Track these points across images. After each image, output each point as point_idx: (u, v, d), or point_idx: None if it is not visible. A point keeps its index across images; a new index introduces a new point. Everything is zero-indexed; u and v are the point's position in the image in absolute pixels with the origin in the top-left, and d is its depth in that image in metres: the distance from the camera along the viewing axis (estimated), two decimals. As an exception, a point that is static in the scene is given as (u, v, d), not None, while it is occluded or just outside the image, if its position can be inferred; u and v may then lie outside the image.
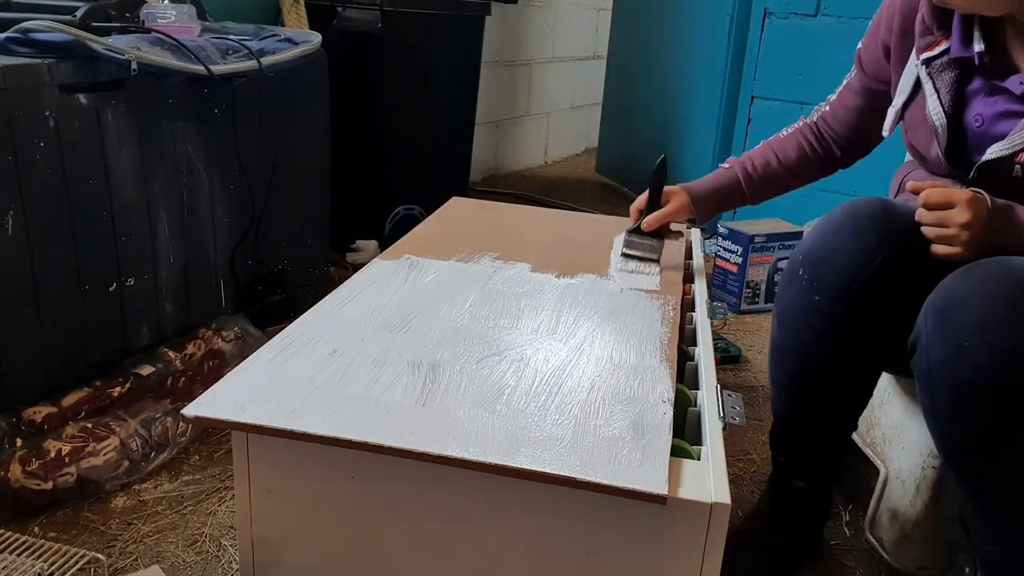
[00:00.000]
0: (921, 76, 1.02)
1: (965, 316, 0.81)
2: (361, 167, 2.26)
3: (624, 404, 0.87)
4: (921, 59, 1.02)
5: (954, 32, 0.99)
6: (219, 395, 0.85)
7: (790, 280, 1.03)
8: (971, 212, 0.88)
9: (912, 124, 1.07)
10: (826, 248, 0.98)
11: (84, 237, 1.35)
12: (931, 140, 1.02)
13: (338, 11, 2.11)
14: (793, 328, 1.04)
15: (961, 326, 0.81)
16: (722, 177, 1.30)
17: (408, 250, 1.32)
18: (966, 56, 0.97)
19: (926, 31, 1.01)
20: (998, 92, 0.97)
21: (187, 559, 1.11)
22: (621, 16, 3.38)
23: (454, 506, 0.83)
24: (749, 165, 1.28)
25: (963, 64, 0.99)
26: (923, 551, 1.13)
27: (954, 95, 1.00)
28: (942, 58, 1.00)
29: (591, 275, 1.27)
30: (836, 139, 1.25)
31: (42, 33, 1.26)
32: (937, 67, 1.00)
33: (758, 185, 1.28)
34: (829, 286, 0.98)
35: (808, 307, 1.01)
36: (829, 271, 0.98)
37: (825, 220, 1.01)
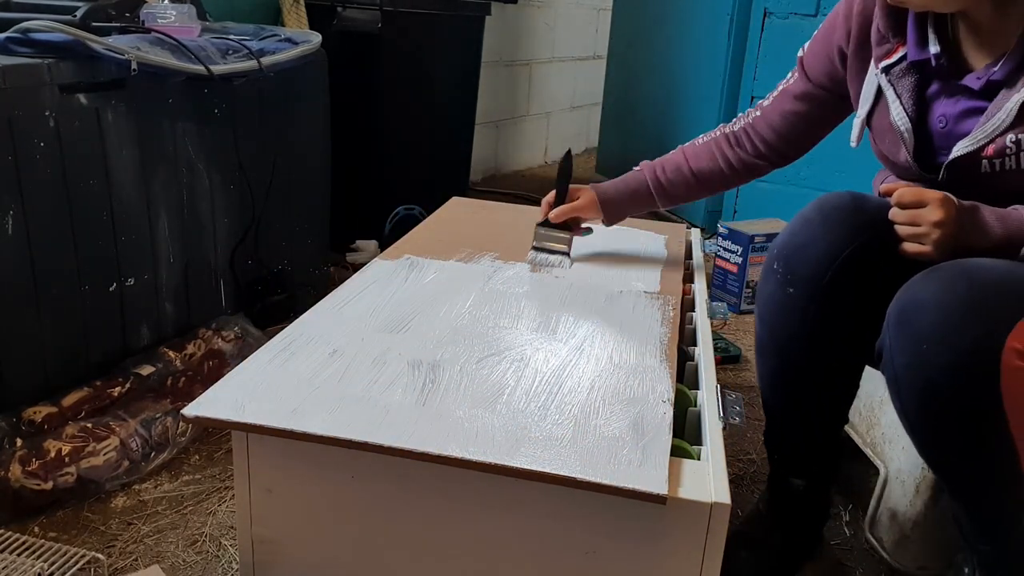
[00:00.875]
0: (882, 84, 1.03)
1: (924, 319, 0.82)
2: (361, 167, 2.27)
3: (624, 404, 0.87)
4: (880, 67, 1.02)
5: (909, 36, 1.00)
6: (219, 395, 0.85)
7: (766, 275, 1.05)
8: (943, 211, 0.89)
9: (879, 132, 1.08)
10: (797, 242, 1.00)
11: (84, 237, 1.35)
12: (899, 146, 1.04)
13: (338, 11, 2.11)
14: (772, 323, 1.06)
15: (920, 329, 0.83)
16: (631, 181, 1.30)
17: (408, 250, 1.32)
18: (923, 59, 0.98)
19: (882, 39, 1.02)
20: (958, 91, 0.98)
21: (187, 559, 1.11)
22: (621, 16, 3.38)
23: (454, 506, 0.83)
24: (660, 171, 1.28)
25: (921, 68, 1.00)
26: (923, 551, 1.14)
27: (916, 99, 1.01)
28: (900, 64, 1.01)
29: (591, 275, 1.27)
30: (762, 147, 1.23)
31: (42, 33, 1.26)
32: (896, 73, 1.01)
33: (667, 192, 1.28)
34: (802, 278, 1.00)
35: (784, 301, 1.03)
36: (801, 263, 0.99)
37: (798, 215, 1.03)
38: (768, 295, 1.05)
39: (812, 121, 1.19)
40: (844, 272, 0.97)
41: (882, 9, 1.01)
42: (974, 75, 0.96)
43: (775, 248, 1.04)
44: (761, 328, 1.09)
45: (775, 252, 1.03)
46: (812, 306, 1.00)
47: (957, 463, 0.89)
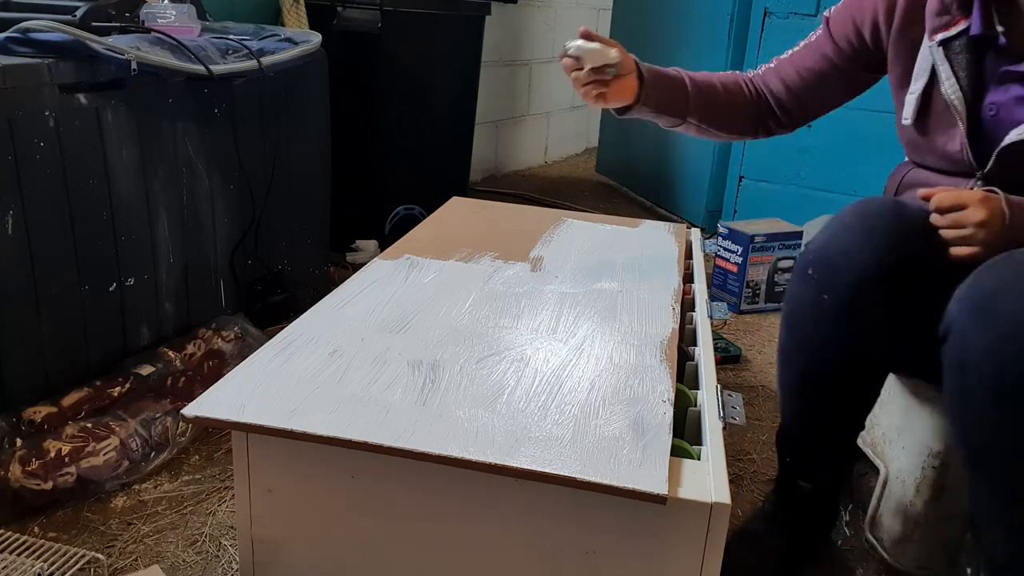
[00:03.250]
0: (936, 59, 1.00)
1: (1006, 305, 0.80)
2: (361, 167, 2.27)
3: (624, 404, 0.87)
4: (937, 40, 0.99)
5: (975, 11, 0.96)
6: (219, 395, 0.85)
7: (799, 280, 1.02)
8: (986, 210, 0.87)
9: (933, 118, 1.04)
10: (836, 248, 0.97)
11: (84, 237, 1.35)
12: (952, 130, 1.00)
13: (338, 11, 2.11)
14: (800, 328, 1.04)
15: (1002, 315, 0.80)
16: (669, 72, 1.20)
17: (408, 250, 1.32)
18: (990, 35, 0.95)
19: (942, 11, 0.99)
20: (1010, 79, 0.96)
21: (187, 559, 1.11)
22: (621, 16, 3.38)
23: (454, 506, 0.83)
24: (695, 76, 1.21)
25: (980, 47, 0.97)
26: (923, 551, 1.14)
27: (973, 79, 0.97)
28: (960, 39, 0.98)
29: (591, 275, 1.27)
30: (770, 98, 1.21)
31: (42, 33, 1.26)
32: (955, 49, 0.98)
33: (697, 98, 1.19)
34: (839, 285, 0.97)
35: (816, 306, 1.00)
36: (839, 270, 0.96)
37: (836, 219, 1.00)
38: (799, 299, 1.02)
39: (827, 84, 1.15)
40: (884, 281, 0.94)
41: None
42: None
43: (810, 253, 1.00)
44: (787, 333, 1.06)
45: (810, 257, 1.00)
46: (847, 313, 0.97)
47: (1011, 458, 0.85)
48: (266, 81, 1.61)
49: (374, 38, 2.12)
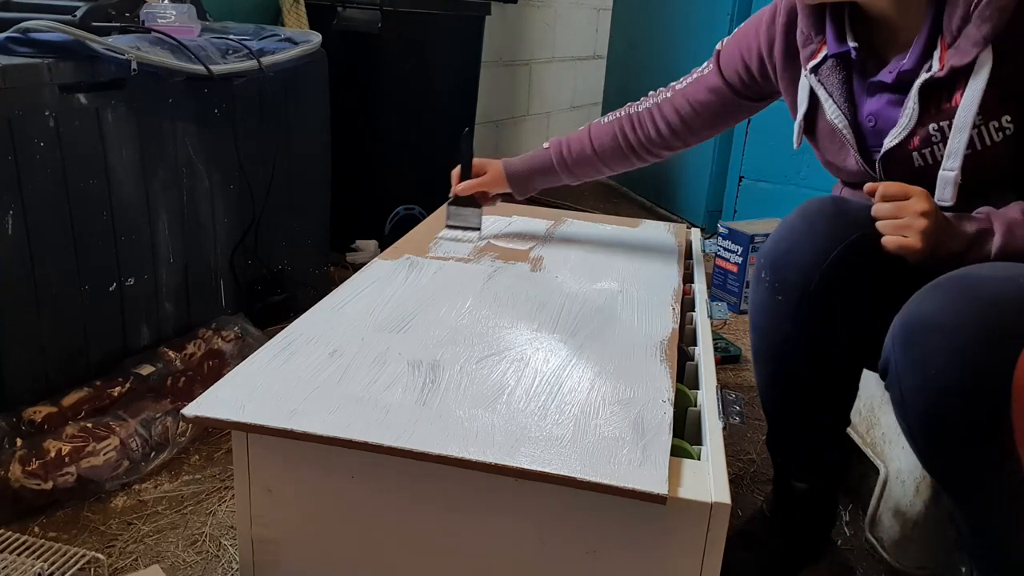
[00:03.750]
0: (812, 85, 1.04)
1: (932, 342, 0.81)
2: (361, 167, 2.27)
3: (624, 404, 0.87)
4: (808, 68, 1.04)
5: (828, 32, 1.01)
6: (219, 395, 0.85)
7: (756, 283, 1.05)
8: (928, 202, 0.89)
9: (823, 139, 1.09)
10: (782, 248, 1.00)
11: (84, 237, 1.35)
12: (844, 148, 1.04)
13: (338, 11, 2.11)
14: (764, 330, 1.06)
15: (929, 353, 0.81)
16: (538, 157, 1.36)
17: (408, 250, 1.32)
18: (842, 51, 1.00)
19: (807, 40, 1.04)
20: (877, 88, 0.99)
21: (187, 559, 1.11)
22: (621, 16, 3.38)
23: (454, 506, 0.83)
24: (565, 149, 1.33)
25: (847, 64, 1.02)
26: (923, 551, 1.14)
27: (847, 96, 1.02)
28: (826, 63, 1.03)
29: (591, 275, 1.27)
30: (662, 128, 1.27)
31: (42, 33, 1.26)
32: (824, 72, 1.03)
33: (572, 168, 1.34)
34: (790, 284, 1.00)
35: (774, 308, 1.02)
36: (787, 270, 0.99)
37: (783, 222, 1.03)
38: (759, 302, 1.05)
39: (717, 114, 1.23)
40: (831, 275, 0.96)
41: (803, 11, 1.04)
42: (886, 69, 0.97)
43: (762, 256, 1.04)
44: (755, 335, 1.09)
45: (762, 260, 1.03)
46: (802, 311, 1.00)
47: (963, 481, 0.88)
48: (266, 81, 1.61)
49: (374, 38, 2.12)
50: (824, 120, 1.05)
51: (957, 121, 0.91)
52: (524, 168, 1.37)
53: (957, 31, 0.90)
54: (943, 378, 0.80)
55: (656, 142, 1.29)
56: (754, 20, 1.17)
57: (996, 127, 0.91)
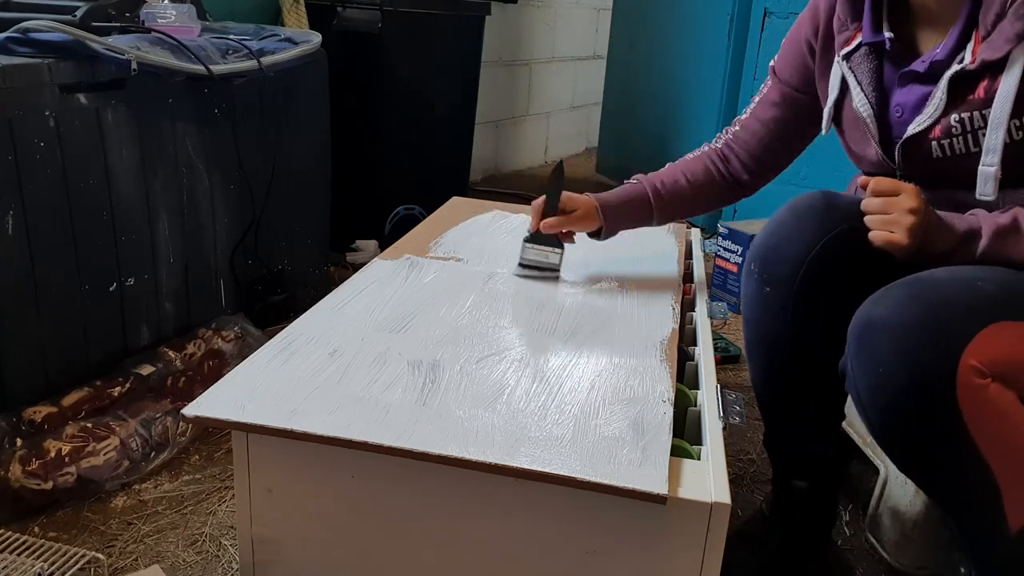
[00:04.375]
0: (844, 72, 1.04)
1: (881, 343, 0.82)
2: (361, 167, 2.27)
3: (624, 404, 0.87)
4: (841, 55, 1.04)
5: (864, 19, 1.01)
6: (219, 395, 0.85)
7: (746, 277, 1.07)
8: (917, 199, 0.89)
9: (848, 126, 1.09)
10: (771, 242, 1.02)
11: (84, 237, 1.35)
12: (866, 138, 1.05)
13: (338, 11, 2.11)
14: (755, 324, 1.08)
15: (877, 352, 0.83)
16: (632, 191, 1.24)
17: (408, 250, 1.32)
18: (876, 40, 1.00)
19: (843, 27, 1.04)
20: (910, 79, 0.99)
21: (187, 559, 1.11)
22: (621, 16, 3.38)
23: (454, 506, 0.83)
24: (659, 183, 1.24)
25: (880, 54, 1.02)
26: (923, 551, 1.14)
27: (876, 86, 1.02)
28: (860, 50, 1.02)
29: (591, 275, 1.27)
30: (746, 160, 1.23)
31: (42, 33, 1.26)
32: (856, 60, 1.03)
33: (667, 203, 1.24)
34: (777, 278, 1.01)
35: (763, 300, 1.04)
36: (775, 263, 1.01)
37: (771, 218, 1.04)
38: (749, 296, 1.06)
39: (791, 126, 1.19)
40: (817, 269, 0.98)
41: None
42: (920, 59, 0.98)
43: (752, 249, 1.05)
44: (747, 329, 1.10)
45: (752, 253, 1.05)
46: (790, 304, 1.01)
47: (930, 479, 0.89)
48: (266, 81, 1.61)
49: (374, 38, 2.12)
50: (851, 108, 1.05)
51: (993, 117, 0.91)
52: (618, 202, 1.23)
53: (992, 25, 0.90)
54: (892, 379, 0.81)
55: (743, 172, 1.24)
56: (799, 18, 1.16)
57: (1017, 125, 0.91)
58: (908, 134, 0.98)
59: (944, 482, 0.87)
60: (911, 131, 0.97)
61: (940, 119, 0.95)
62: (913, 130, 0.97)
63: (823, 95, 1.11)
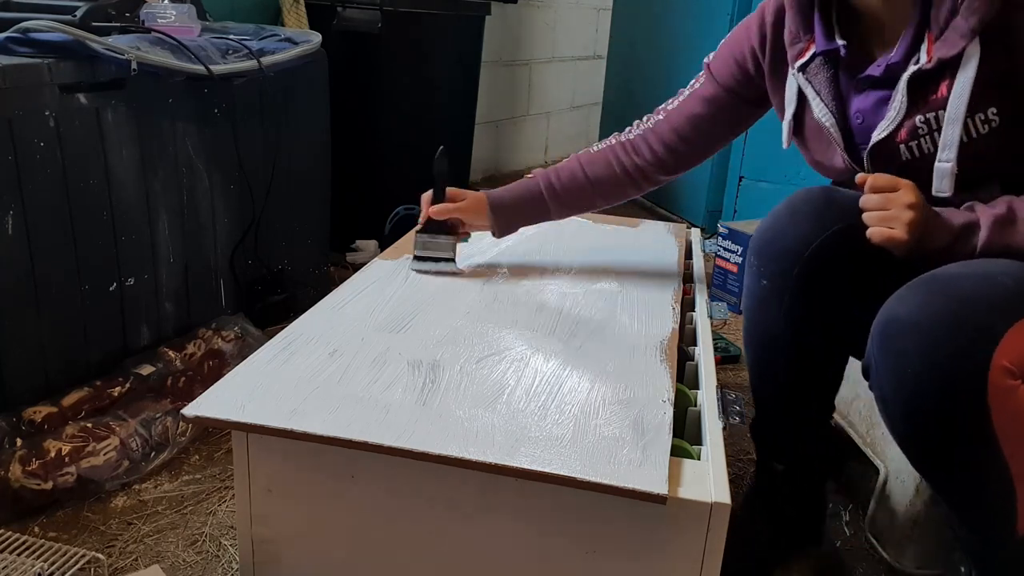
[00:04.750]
0: (800, 84, 1.04)
1: (907, 344, 0.82)
2: (361, 167, 2.26)
3: (624, 404, 0.87)
4: (796, 67, 1.04)
5: (816, 29, 1.02)
6: (219, 395, 0.85)
7: (746, 269, 1.08)
8: (915, 195, 0.89)
9: (811, 138, 1.09)
10: (770, 236, 1.02)
11: (84, 237, 1.35)
12: (831, 147, 1.05)
13: (338, 11, 2.11)
14: (751, 315, 1.09)
15: (904, 354, 0.82)
16: (524, 187, 1.24)
17: (408, 250, 1.32)
18: (830, 48, 1.00)
19: (795, 39, 1.04)
20: (866, 84, 1.00)
21: (187, 559, 1.11)
22: (621, 16, 3.38)
23: (454, 506, 0.83)
24: (554, 177, 1.23)
25: (834, 62, 1.02)
26: (923, 551, 1.14)
27: (834, 94, 1.02)
28: (814, 60, 1.02)
29: (591, 275, 1.27)
30: (660, 152, 1.21)
31: (42, 33, 1.26)
32: (812, 71, 1.03)
33: (562, 199, 1.23)
34: (773, 272, 1.02)
35: (759, 293, 1.05)
36: (772, 257, 1.02)
37: (771, 211, 1.05)
38: (748, 287, 1.08)
39: (717, 125, 1.20)
40: (813, 264, 0.98)
41: (792, 9, 1.03)
42: (874, 64, 0.98)
43: (752, 242, 1.06)
44: (745, 319, 1.11)
45: (751, 246, 1.06)
46: (785, 298, 1.02)
47: (948, 479, 0.89)
48: (266, 81, 1.61)
49: (374, 38, 2.12)
50: (811, 119, 1.06)
51: (949, 113, 0.92)
52: (509, 199, 1.24)
53: (944, 23, 0.90)
54: (919, 378, 0.81)
55: (654, 165, 1.22)
56: (742, 25, 1.17)
57: (982, 119, 0.91)
58: (874, 140, 0.98)
59: (961, 481, 0.87)
60: (877, 137, 0.98)
61: (904, 121, 0.95)
62: (879, 135, 0.97)
63: (778, 109, 1.12)
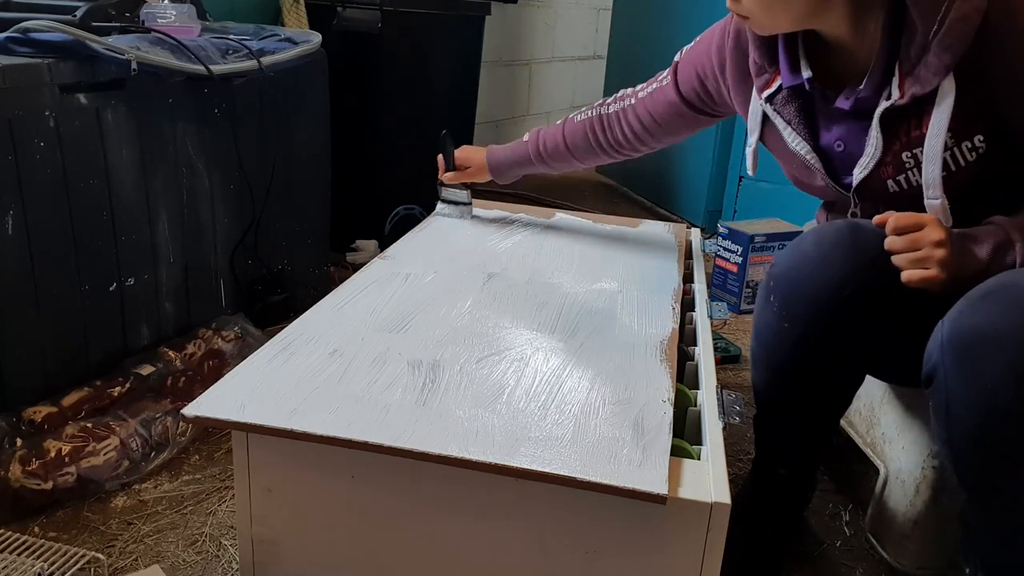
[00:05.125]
0: (768, 113, 1.04)
1: (988, 357, 0.77)
2: (361, 167, 2.26)
3: (624, 404, 0.87)
4: (763, 97, 1.04)
5: (781, 64, 1.00)
6: (219, 395, 0.85)
7: (763, 304, 1.02)
8: (941, 230, 0.86)
9: (785, 158, 1.08)
10: (794, 278, 0.97)
11: (84, 237, 1.35)
12: (811, 171, 1.04)
13: (338, 11, 2.11)
14: (766, 345, 1.04)
15: (984, 367, 0.78)
16: (519, 148, 1.46)
17: (410, 250, 1.32)
18: (796, 83, 0.99)
19: (760, 71, 1.04)
20: (839, 115, 0.98)
21: (187, 559, 1.11)
22: (621, 16, 3.38)
23: (454, 506, 0.83)
24: (541, 143, 1.43)
25: (802, 93, 1.01)
26: (923, 551, 1.13)
27: (806, 123, 1.01)
28: (780, 92, 1.02)
29: (591, 275, 1.27)
30: (628, 133, 1.32)
31: (42, 33, 1.26)
32: (779, 102, 1.02)
33: (548, 161, 1.43)
34: (798, 316, 0.96)
35: (779, 331, 1.00)
36: (798, 301, 0.96)
37: (794, 247, 0.99)
38: (763, 321, 1.03)
39: (676, 125, 1.28)
40: (843, 311, 0.93)
41: (754, 41, 1.03)
42: (842, 96, 0.96)
43: (771, 280, 1.00)
44: (755, 343, 1.07)
45: (771, 284, 1.00)
46: (807, 340, 0.97)
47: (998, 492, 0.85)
48: (266, 81, 1.61)
49: (374, 38, 2.12)
50: (782, 144, 1.05)
51: (927, 151, 0.90)
52: (505, 158, 1.47)
53: (916, 59, 0.89)
54: (998, 394, 0.77)
55: (624, 144, 1.34)
56: (707, 38, 1.19)
57: (969, 147, 0.90)
58: (857, 179, 0.97)
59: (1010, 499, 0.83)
60: (860, 175, 0.97)
61: (886, 158, 0.94)
62: (861, 174, 0.96)
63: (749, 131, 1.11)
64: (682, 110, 1.24)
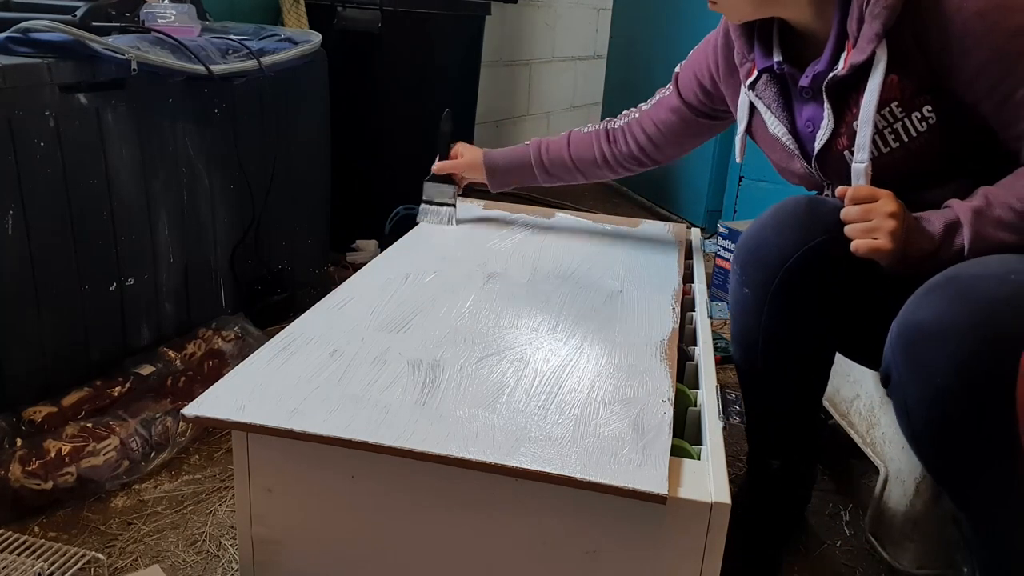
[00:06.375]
0: (752, 99, 1.09)
1: (931, 350, 0.80)
2: (361, 166, 2.26)
3: (624, 404, 0.87)
4: (747, 85, 1.09)
5: (755, 49, 1.06)
6: (219, 395, 0.85)
7: (731, 275, 1.09)
8: (895, 203, 0.89)
9: (767, 146, 1.13)
10: (753, 244, 1.03)
11: (84, 237, 1.35)
12: (788, 153, 1.08)
13: (338, 11, 2.11)
14: (736, 320, 1.10)
15: (930, 361, 0.80)
16: (518, 153, 1.43)
17: (409, 248, 1.32)
18: (768, 65, 1.04)
19: (743, 60, 1.09)
20: (806, 95, 1.03)
21: (187, 559, 1.11)
22: (621, 16, 3.38)
23: (454, 506, 0.83)
24: (544, 152, 1.40)
25: (780, 78, 1.06)
26: (923, 551, 1.14)
27: (784, 106, 1.06)
28: (760, 78, 1.07)
29: (591, 275, 1.27)
30: (634, 147, 1.34)
31: (42, 33, 1.26)
32: (760, 87, 1.07)
33: (548, 171, 1.41)
34: (755, 281, 1.02)
35: (742, 301, 1.06)
36: (753, 267, 1.02)
37: (757, 218, 1.06)
38: (732, 292, 1.09)
39: (680, 133, 1.30)
40: (794, 275, 0.98)
41: (734, 31, 1.09)
42: (804, 74, 1.01)
43: (735, 250, 1.07)
44: (731, 322, 1.12)
45: (734, 254, 1.07)
46: (766, 307, 1.02)
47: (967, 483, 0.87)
48: (266, 81, 1.61)
49: (374, 38, 2.12)
50: (765, 131, 1.09)
51: (861, 115, 0.95)
52: (503, 162, 1.43)
53: (857, 31, 0.93)
54: (945, 386, 0.79)
55: (629, 158, 1.36)
56: (705, 42, 1.23)
57: (919, 117, 0.93)
58: (816, 150, 1.02)
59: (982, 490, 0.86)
60: (817, 147, 1.01)
61: (841, 129, 0.98)
62: (818, 145, 1.01)
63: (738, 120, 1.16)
64: (685, 114, 1.28)
